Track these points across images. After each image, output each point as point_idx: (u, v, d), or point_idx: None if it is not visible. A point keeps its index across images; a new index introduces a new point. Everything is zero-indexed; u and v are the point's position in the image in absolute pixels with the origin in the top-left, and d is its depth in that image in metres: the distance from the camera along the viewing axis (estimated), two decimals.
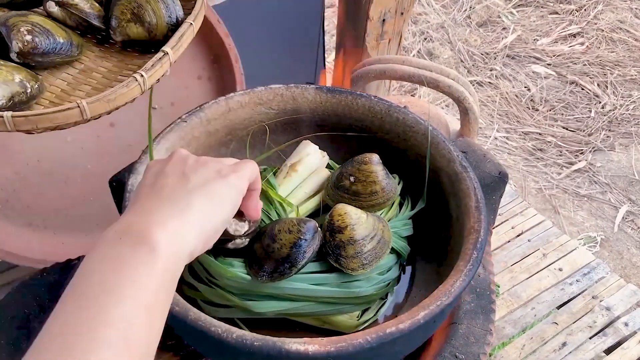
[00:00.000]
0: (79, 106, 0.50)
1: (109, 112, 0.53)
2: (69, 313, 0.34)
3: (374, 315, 0.58)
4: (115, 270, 0.35)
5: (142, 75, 0.53)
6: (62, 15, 0.59)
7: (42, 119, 0.49)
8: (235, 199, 0.45)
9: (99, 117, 0.53)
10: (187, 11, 0.63)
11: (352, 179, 0.60)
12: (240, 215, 0.54)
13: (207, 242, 0.42)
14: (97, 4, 0.61)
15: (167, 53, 0.56)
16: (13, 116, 0.48)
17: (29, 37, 0.53)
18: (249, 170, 0.47)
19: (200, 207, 0.41)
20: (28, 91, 0.52)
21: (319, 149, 0.66)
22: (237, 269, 0.54)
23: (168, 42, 0.57)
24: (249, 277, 0.53)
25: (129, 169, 0.61)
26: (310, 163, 0.65)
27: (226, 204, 0.44)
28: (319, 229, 0.54)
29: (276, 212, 0.60)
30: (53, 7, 0.58)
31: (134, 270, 0.36)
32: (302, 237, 0.52)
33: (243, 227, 0.53)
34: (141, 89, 0.54)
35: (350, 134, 0.69)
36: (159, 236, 0.37)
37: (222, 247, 0.54)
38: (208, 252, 0.55)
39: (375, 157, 0.60)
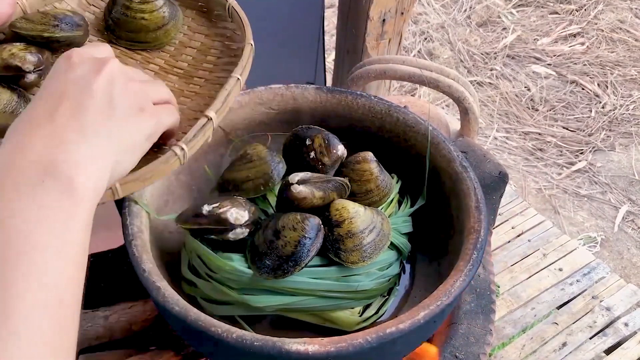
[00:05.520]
0: (111, 188, 0.44)
1: (143, 187, 0.49)
2: None
3: (376, 312, 0.58)
4: (41, 222, 0.32)
5: (182, 149, 0.47)
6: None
7: None
8: (146, 147, 0.43)
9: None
10: (233, 57, 0.56)
11: (346, 179, 0.60)
12: (240, 204, 0.54)
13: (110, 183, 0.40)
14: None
15: (211, 119, 0.49)
16: None
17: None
18: (169, 119, 0.45)
19: (119, 144, 0.39)
20: None
21: None
22: (236, 263, 0.54)
23: (213, 104, 0.50)
24: (249, 270, 0.53)
25: None
26: None
27: (139, 147, 0.42)
28: (322, 226, 0.54)
29: (274, 210, 0.60)
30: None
31: (61, 224, 0.33)
32: (306, 235, 0.52)
33: (243, 216, 0.53)
34: (180, 162, 0.48)
35: (350, 134, 0.69)
36: (86, 183, 0.35)
37: (222, 239, 0.54)
38: (207, 246, 0.55)
39: (369, 155, 0.60)
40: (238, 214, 0.53)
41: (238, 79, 0.52)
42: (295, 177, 0.55)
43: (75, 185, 0.34)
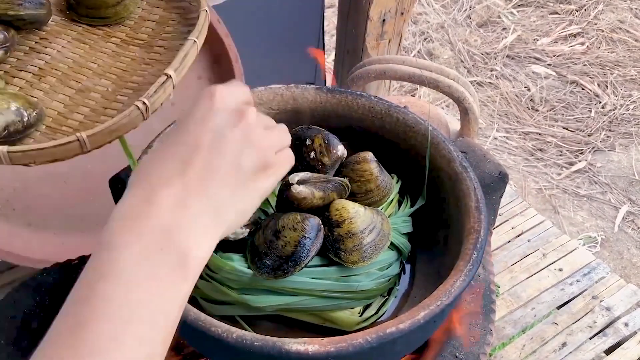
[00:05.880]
0: (78, 139, 0.47)
1: (110, 142, 0.51)
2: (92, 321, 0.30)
3: (376, 312, 0.58)
4: (148, 294, 0.32)
5: (144, 103, 0.51)
6: None
7: (40, 154, 0.47)
8: (259, 203, 0.41)
9: (101, 147, 0.51)
10: (190, 26, 0.60)
11: (346, 180, 0.60)
12: None
13: None
14: None
15: (170, 76, 0.53)
16: (9, 151, 0.46)
17: None
18: (285, 171, 0.43)
19: (236, 212, 0.38)
20: (25, 120, 0.50)
21: None
22: (236, 263, 0.54)
23: (171, 63, 0.54)
24: (249, 270, 0.53)
25: (129, 169, 0.61)
26: None
27: (253, 208, 0.40)
28: (322, 226, 0.54)
29: (274, 210, 0.60)
30: None
31: (167, 298, 0.33)
32: (306, 235, 0.52)
33: None
34: (144, 117, 0.51)
35: (350, 134, 0.69)
36: (198, 257, 0.34)
37: (222, 239, 0.54)
38: None
39: (369, 155, 0.60)
40: None
41: (194, 41, 0.56)
42: (295, 177, 0.55)
43: (189, 259, 0.34)
